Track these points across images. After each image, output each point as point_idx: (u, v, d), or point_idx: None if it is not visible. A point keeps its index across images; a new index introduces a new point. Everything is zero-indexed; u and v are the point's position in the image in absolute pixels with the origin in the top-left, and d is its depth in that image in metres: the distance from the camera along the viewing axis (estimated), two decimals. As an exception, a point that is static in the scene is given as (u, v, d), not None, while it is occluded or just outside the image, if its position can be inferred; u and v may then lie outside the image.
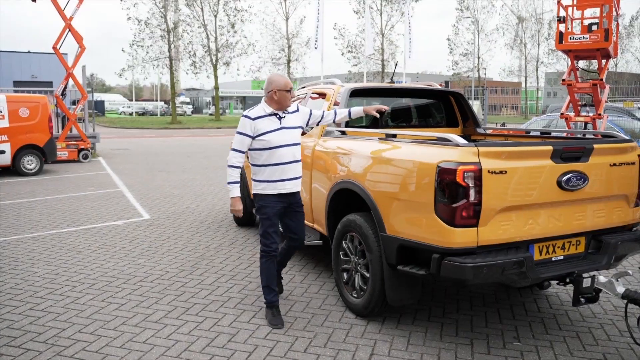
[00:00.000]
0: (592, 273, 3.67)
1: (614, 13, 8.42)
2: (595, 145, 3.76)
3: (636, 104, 13.64)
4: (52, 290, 4.90)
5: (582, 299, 3.61)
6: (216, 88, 46.88)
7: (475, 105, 36.17)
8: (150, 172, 13.48)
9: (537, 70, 62.72)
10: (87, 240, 6.71)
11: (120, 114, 64.53)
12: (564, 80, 8.86)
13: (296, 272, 5.45)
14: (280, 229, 4.39)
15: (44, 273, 5.40)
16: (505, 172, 3.39)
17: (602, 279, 3.48)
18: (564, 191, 3.60)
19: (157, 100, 72.18)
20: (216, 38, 44.63)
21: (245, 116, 4.12)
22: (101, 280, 5.19)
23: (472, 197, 3.32)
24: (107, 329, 4.07)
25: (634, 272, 5.04)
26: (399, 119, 5.87)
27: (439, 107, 5.93)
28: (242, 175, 7.14)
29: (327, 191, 4.69)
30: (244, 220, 7.42)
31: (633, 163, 3.97)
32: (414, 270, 3.63)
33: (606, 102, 9.15)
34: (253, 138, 4.08)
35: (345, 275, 4.48)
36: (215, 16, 44.38)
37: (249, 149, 4.14)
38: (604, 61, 8.82)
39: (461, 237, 3.36)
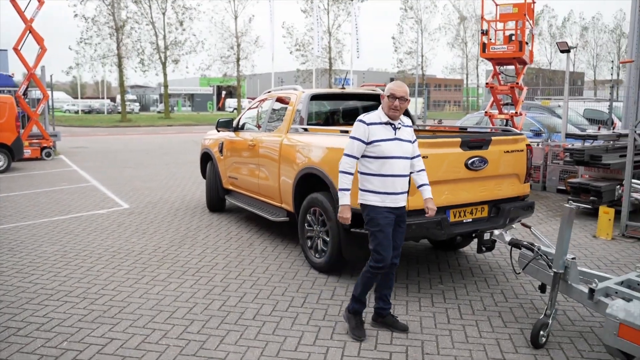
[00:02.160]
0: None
1: (528, 27, 10.00)
2: (493, 138, 5.14)
3: (553, 102, 15.52)
4: (66, 263, 5.89)
5: (483, 248, 4.99)
6: (165, 86, 47.15)
7: (419, 102, 37.92)
8: (115, 168, 14.28)
9: (477, 68, 65.97)
10: (79, 225, 7.66)
11: (65, 111, 63.22)
12: (487, 83, 10.40)
13: (268, 244, 6.64)
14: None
15: (53, 251, 6.36)
16: (427, 157, 4.69)
17: (496, 232, 4.84)
18: (470, 171, 4.95)
19: (103, 98, 71.08)
20: (165, 36, 44.95)
21: (360, 121, 3.94)
22: (105, 254, 6.22)
23: (403, 175, 4.59)
24: (124, 286, 5.15)
25: (517, 226, 6.43)
26: (349, 117, 7.13)
27: (382, 108, 7.22)
28: (214, 166, 8.25)
29: (294, 176, 5.88)
30: (216, 207, 8.53)
31: (522, 150, 5.39)
32: (362, 231, 4.88)
33: (523, 101, 10.75)
34: (367, 144, 3.91)
35: (309, 242, 5.70)
36: (164, 14, 44.71)
37: (361, 156, 3.97)
38: (520, 67, 10.41)
39: (396, 204, 4.64)
